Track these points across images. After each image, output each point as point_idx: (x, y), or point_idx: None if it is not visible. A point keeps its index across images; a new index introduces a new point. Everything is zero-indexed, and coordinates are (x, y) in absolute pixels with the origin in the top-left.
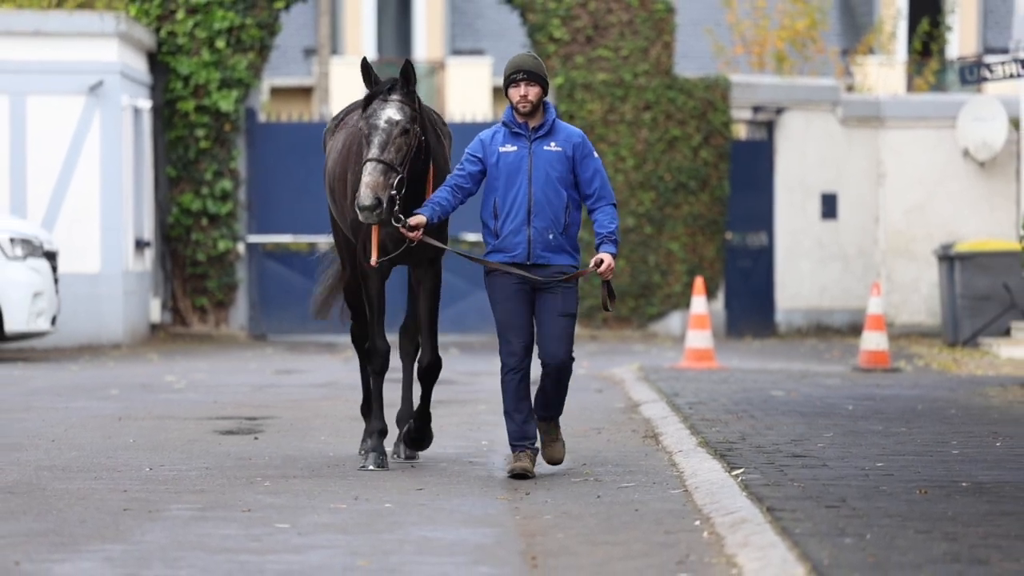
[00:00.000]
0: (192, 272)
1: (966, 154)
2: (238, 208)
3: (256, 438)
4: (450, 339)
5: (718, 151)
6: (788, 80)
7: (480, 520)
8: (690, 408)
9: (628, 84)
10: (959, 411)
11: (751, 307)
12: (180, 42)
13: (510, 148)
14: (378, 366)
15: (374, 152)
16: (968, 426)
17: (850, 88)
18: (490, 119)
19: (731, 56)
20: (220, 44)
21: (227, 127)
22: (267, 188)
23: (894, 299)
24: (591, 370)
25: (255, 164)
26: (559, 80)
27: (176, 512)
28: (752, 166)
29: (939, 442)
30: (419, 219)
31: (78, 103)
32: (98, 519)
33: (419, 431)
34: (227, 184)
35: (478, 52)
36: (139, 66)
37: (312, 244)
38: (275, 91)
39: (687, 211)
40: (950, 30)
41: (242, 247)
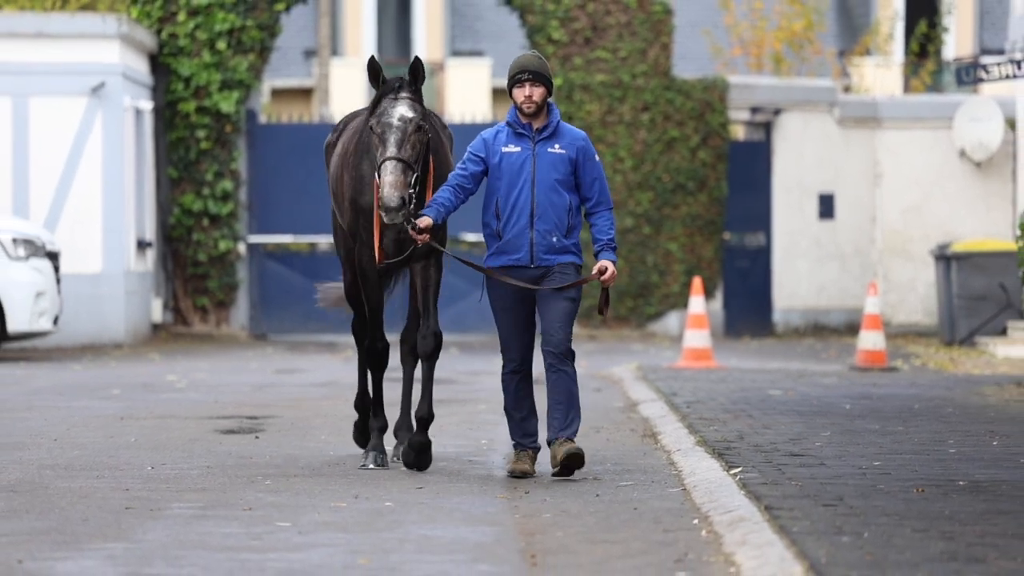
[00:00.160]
0: (193, 272)
1: (962, 154)
2: (239, 208)
3: (257, 437)
4: (450, 339)
5: (716, 152)
6: (785, 81)
7: (480, 519)
8: (688, 407)
9: (626, 85)
10: (956, 410)
11: (749, 307)
12: (181, 44)
13: (513, 148)
14: (377, 365)
15: (391, 151)
16: (965, 425)
17: (847, 89)
18: (489, 120)
19: (729, 57)
20: (221, 46)
21: (228, 128)
22: (267, 189)
23: (891, 299)
24: (590, 369)
25: (256, 165)
26: (558, 81)
27: (177, 511)
28: (750, 167)
29: (936, 441)
30: (426, 221)
31: (80, 104)
32: (100, 517)
33: (419, 455)
34: (228, 185)
35: (477, 53)
36: (141, 67)
37: (312, 244)
38: (275, 92)
39: (685, 211)
40: (947, 31)
41: (243, 247)
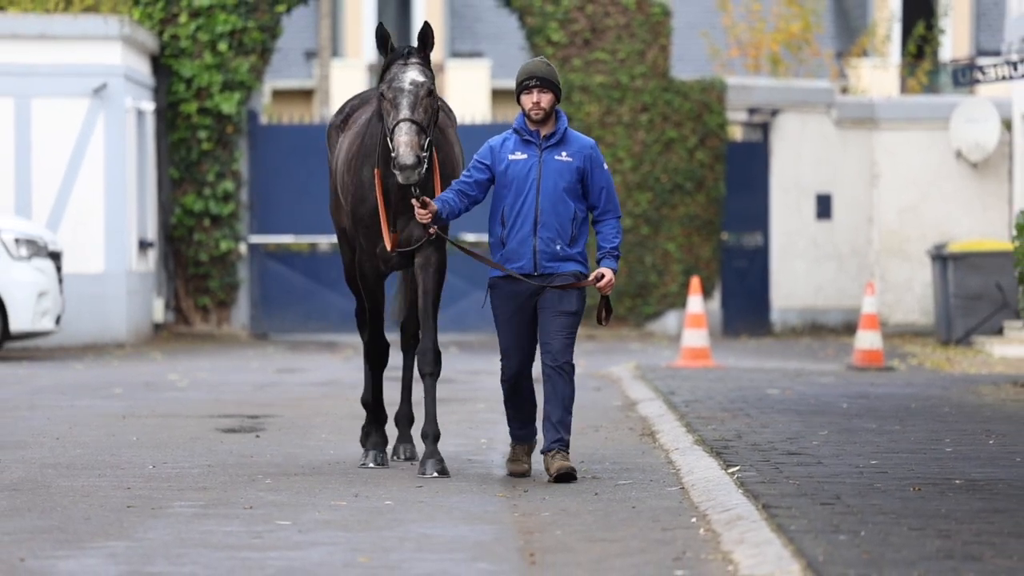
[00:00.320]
0: (194, 272)
1: (959, 155)
2: (240, 209)
3: (258, 436)
4: (450, 338)
5: (714, 152)
6: (783, 82)
7: (479, 517)
8: (686, 406)
9: (625, 86)
10: (952, 409)
11: (747, 306)
12: (183, 45)
13: (520, 156)
14: (377, 363)
15: (405, 112)
16: (961, 424)
17: (844, 90)
18: (489, 121)
19: (727, 59)
20: (222, 47)
21: (229, 129)
22: (268, 189)
23: (888, 298)
24: (588, 368)
25: (257, 165)
26: None
27: (179, 509)
28: (748, 167)
29: (933, 440)
30: (432, 205)
31: (82, 105)
32: (102, 516)
33: (441, 463)
34: (229, 185)
35: (477, 55)
36: (142, 69)
37: (313, 244)
38: (276, 93)
39: (683, 212)
40: (943, 33)
41: (244, 247)
